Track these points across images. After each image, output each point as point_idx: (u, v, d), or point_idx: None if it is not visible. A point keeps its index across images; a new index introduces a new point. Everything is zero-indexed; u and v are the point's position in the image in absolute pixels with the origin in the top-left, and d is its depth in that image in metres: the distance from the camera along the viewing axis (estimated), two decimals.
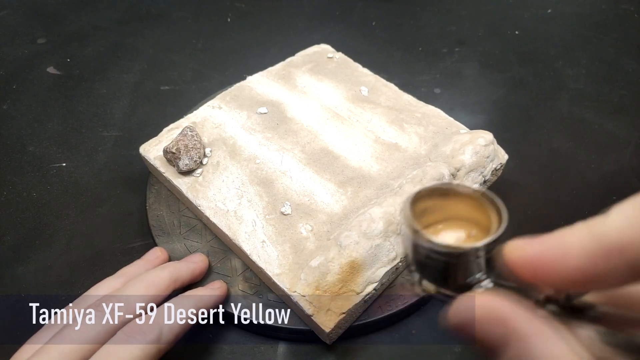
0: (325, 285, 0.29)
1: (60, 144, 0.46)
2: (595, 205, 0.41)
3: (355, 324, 0.31)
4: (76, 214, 0.40)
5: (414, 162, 0.36)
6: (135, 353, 0.24)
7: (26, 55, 0.55)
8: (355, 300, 0.29)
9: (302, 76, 0.44)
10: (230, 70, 0.54)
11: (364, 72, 0.45)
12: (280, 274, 0.31)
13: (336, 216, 0.33)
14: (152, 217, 0.37)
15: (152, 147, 0.38)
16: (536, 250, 0.14)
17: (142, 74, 0.54)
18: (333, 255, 0.30)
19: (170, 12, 0.64)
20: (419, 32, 0.61)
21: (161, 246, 0.35)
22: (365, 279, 0.30)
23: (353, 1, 0.66)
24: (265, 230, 0.33)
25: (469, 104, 0.51)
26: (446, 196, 0.18)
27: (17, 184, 0.42)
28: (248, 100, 0.42)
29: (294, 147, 0.38)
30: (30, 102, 0.50)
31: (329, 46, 0.48)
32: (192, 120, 0.40)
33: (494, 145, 0.37)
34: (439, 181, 0.33)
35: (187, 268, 0.31)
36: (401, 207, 0.26)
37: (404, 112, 0.40)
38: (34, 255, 0.37)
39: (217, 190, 0.35)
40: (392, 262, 0.31)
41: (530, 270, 0.14)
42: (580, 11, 0.65)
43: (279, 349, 0.32)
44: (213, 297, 0.30)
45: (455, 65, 0.56)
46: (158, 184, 0.39)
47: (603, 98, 0.52)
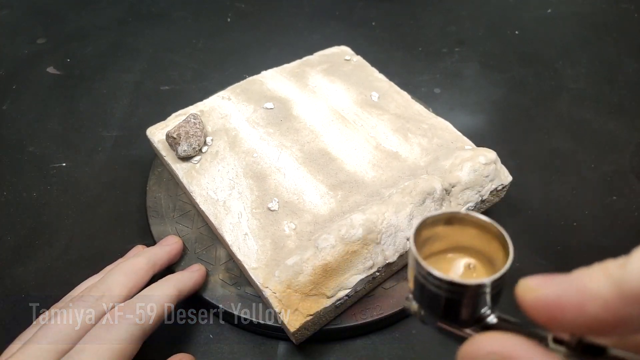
0: (297, 285, 0.29)
1: (60, 144, 0.46)
2: (595, 205, 0.42)
3: (355, 325, 0.31)
4: (76, 214, 0.40)
5: (411, 173, 0.35)
6: (121, 335, 0.24)
7: (26, 55, 0.55)
8: (325, 304, 0.29)
9: (315, 76, 0.44)
10: (230, 71, 0.54)
11: (378, 78, 0.45)
12: (256, 268, 0.31)
13: (322, 218, 0.33)
14: (150, 199, 0.38)
15: (158, 131, 0.39)
16: (552, 294, 0.13)
17: (142, 74, 0.54)
18: (309, 256, 0.29)
19: (171, 11, 0.64)
20: (419, 32, 0.61)
21: (153, 227, 0.36)
22: (338, 284, 0.29)
23: (353, 1, 0.66)
24: (250, 224, 0.33)
25: (469, 104, 0.51)
26: (451, 224, 0.18)
27: (17, 184, 0.42)
28: (257, 94, 0.42)
29: (293, 145, 0.38)
30: (30, 102, 0.50)
31: (348, 49, 0.48)
32: (200, 108, 0.41)
33: (497, 165, 0.36)
34: (432, 199, 0.32)
35: (163, 251, 0.32)
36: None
37: (411, 122, 0.40)
38: (34, 255, 0.37)
39: (211, 179, 0.36)
40: (368, 271, 0.30)
41: (545, 313, 0.13)
42: (580, 11, 0.65)
43: (279, 349, 0.32)
44: (192, 279, 0.31)
45: (455, 65, 0.56)
46: (162, 166, 0.40)
47: (603, 98, 0.52)
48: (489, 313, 0.16)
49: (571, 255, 0.37)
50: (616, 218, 0.40)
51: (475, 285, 0.15)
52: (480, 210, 0.36)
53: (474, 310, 0.16)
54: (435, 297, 0.16)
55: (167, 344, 0.32)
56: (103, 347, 0.24)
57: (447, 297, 0.16)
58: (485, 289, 0.15)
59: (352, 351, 0.32)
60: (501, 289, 0.16)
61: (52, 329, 0.25)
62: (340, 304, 0.30)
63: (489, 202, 0.37)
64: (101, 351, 0.23)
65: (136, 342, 0.25)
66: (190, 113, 0.38)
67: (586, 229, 0.39)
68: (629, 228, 0.39)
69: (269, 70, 0.45)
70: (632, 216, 0.40)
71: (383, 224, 0.31)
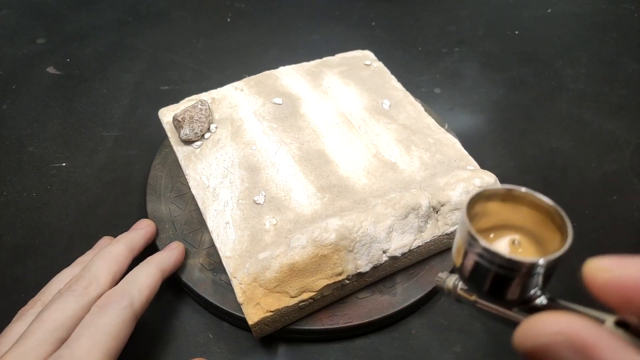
0: (263, 279, 0.29)
1: (60, 144, 0.46)
2: (595, 205, 0.41)
3: (321, 329, 0.31)
4: (76, 214, 0.40)
5: (404, 186, 0.35)
6: (113, 320, 0.25)
7: (26, 55, 0.55)
8: (287, 303, 0.29)
9: (331, 77, 0.44)
10: (230, 71, 0.54)
11: (394, 86, 0.44)
12: (230, 257, 0.31)
13: (304, 218, 0.33)
14: (152, 177, 0.39)
15: (168, 112, 0.40)
16: (631, 275, 0.12)
17: (142, 74, 0.54)
18: (279, 253, 0.29)
19: (170, 12, 0.64)
20: (419, 32, 0.61)
21: (148, 205, 0.37)
22: (303, 285, 0.29)
23: (353, 1, 0.66)
24: (233, 213, 0.33)
25: (468, 104, 0.51)
26: (504, 201, 0.17)
27: (17, 184, 0.42)
28: (269, 88, 0.42)
29: (292, 142, 0.38)
30: (30, 102, 0.50)
31: (371, 54, 0.48)
32: (213, 96, 0.42)
33: None
34: (416, 214, 0.31)
35: (138, 235, 0.33)
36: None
37: (417, 134, 0.39)
38: (34, 256, 0.37)
39: (207, 165, 0.36)
40: (336, 277, 0.30)
41: (620, 295, 0.12)
42: (580, 11, 0.65)
43: (279, 349, 0.32)
44: (172, 257, 0.32)
45: (455, 65, 0.56)
46: (169, 147, 0.40)
47: (603, 98, 0.52)
48: (539, 294, 0.16)
49: (571, 255, 0.37)
50: (616, 218, 0.40)
51: (531, 263, 0.15)
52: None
53: (523, 290, 0.15)
54: (484, 274, 0.16)
55: (168, 344, 0.32)
56: (99, 332, 0.24)
57: (498, 274, 0.15)
58: (540, 269, 0.15)
59: (352, 351, 0.32)
60: (554, 270, 0.15)
61: (46, 320, 0.25)
62: (305, 306, 0.30)
63: None
64: (97, 336, 0.24)
65: (129, 325, 0.26)
66: (200, 99, 0.39)
67: (586, 229, 0.39)
68: (629, 228, 0.39)
69: (286, 67, 0.45)
70: (632, 216, 0.40)
71: (358, 232, 0.30)
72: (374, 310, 0.32)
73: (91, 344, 0.24)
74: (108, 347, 0.24)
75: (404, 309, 0.32)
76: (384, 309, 0.32)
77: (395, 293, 0.33)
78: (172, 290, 0.35)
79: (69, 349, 0.23)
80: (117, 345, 0.25)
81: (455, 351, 0.32)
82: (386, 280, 0.34)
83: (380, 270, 0.32)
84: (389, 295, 0.33)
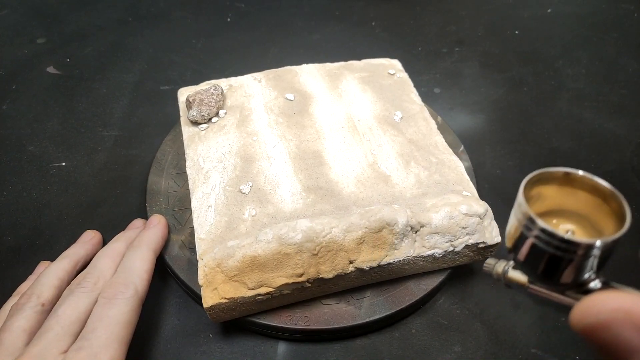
0: (225, 266, 0.29)
1: (60, 143, 0.46)
2: None
3: (278, 326, 0.31)
4: (76, 214, 0.40)
5: (391, 200, 0.33)
6: (123, 309, 0.27)
7: (26, 55, 0.55)
8: (244, 294, 0.29)
9: (351, 81, 0.43)
10: (230, 70, 0.54)
11: (412, 99, 0.42)
12: (203, 239, 0.31)
13: (282, 214, 0.33)
14: (160, 152, 0.41)
15: (186, 92, 0.41)
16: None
17: (142, 74, 0.54)
18: (245, 244, 0.30)
19: (170, 12, 0.64)
20: (419, 32, 0.61)
21: (150, 177, 0.39)
22: (261, 279, 0.29)
23: (353, 1, 0.66)
24: (217, 198, 0.34)
25: (468, 104, 0.51)
26: (561, 185, 0.17)
27: (17, 184, 0.42)
28: (286, 83, 0.42)
29: (292, 139, 0.38)
30: (30, 102, 0.50)
31: (398, 63, 0.46)
32: (230, 83, 0.42)
33: (483, 221, 0.32)
34: (390, 230, 0.30)
35: (135, 234, 0.34)
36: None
37: (421, 151, 0.37)
38: (34, 256, 0.37)
39: (207, 148, 0.37)
40: (296, 278, 0.29)
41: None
42: (580, 11, 0.65)
43: (279, 349, 0.32)
44: (159, 234, 0.34)
45: (455, 65, 0.56)
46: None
47: (603, 98, 0.52)
48: (594, 277, 0.15)
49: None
50: None
51: (588, 244, 0.14)
52: (453, 263, 0.34)
53: (578, 273, 0.15)
54: (539, 256, 0.15)
55: (168, 344, 0.32)
56: (112, 322, 0.26)
57: (554, 256, 0.15)
58: (597, 251, 0.15)
59: (352, 351, 0.32)
60: (610, 254, 0.15)
61: (62, 315, 0.27)
62: (262, 300, 0.30)
63: (466, 257, 0.33)
64: (112, 326, 0.26)
65: (137, 312, 0.28)
66: (215, 84, 0.40)
67: None
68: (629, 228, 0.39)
69: (309, 65, 0.45)
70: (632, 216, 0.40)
71: (326, 238, 0.29)
72: (333, 318, 0.32)
73: (107, 334, 0.26)
74: (122, 335, 0.26)
75: (364, 324, 0.32)
76: (343, 320, 0.32)
77: (361, 306, 0.32)
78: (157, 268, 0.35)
79: (87, 341, 0.25)
80: (129, 333, 0.27)
81: (455, 351, 0.32)
82: (356, 291, 0.33)
83: (346, 280, 0.31)
84: (354, 307, 0.32)
